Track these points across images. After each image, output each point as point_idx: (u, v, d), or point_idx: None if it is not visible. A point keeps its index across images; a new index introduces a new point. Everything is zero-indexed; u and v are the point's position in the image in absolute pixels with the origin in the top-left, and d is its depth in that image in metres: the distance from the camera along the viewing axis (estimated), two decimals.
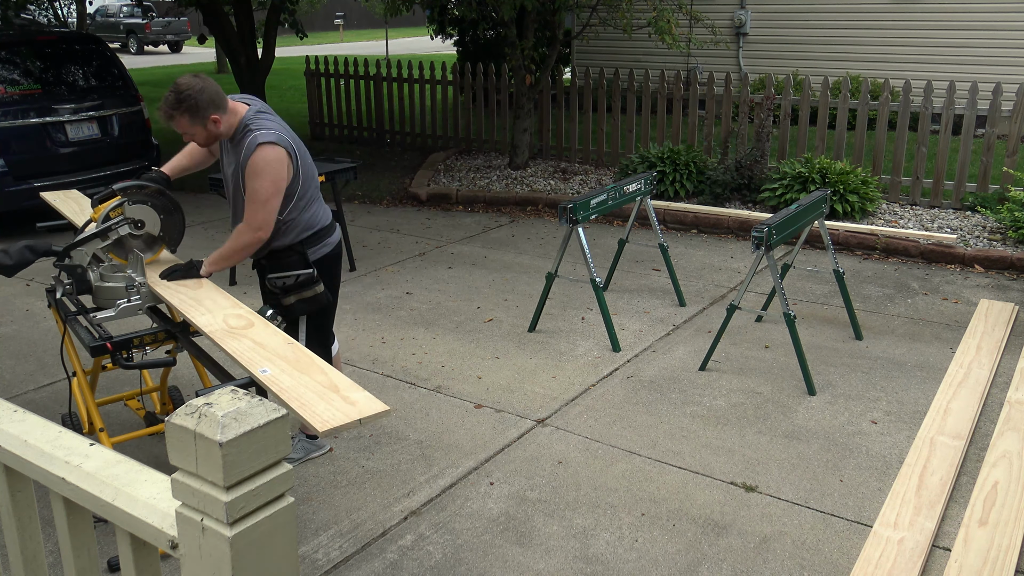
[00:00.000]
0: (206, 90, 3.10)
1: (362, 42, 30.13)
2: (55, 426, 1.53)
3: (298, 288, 3.36)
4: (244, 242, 3.25)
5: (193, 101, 3.07)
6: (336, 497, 3.41)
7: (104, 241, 3.20)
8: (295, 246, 3.37)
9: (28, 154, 7.15)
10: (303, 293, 3.37)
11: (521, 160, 8.89)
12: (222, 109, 3.15)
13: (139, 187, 3.30)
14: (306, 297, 3.38)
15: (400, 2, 9.03)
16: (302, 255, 3.38)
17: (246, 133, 3.17)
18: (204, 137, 3.20)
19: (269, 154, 3.12)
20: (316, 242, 3.43)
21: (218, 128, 3.17)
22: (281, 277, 3.36)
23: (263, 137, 3.12)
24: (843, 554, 3.01)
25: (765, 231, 4.14)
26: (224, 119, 3.17)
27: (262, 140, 3.11)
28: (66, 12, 18.09)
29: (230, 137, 3.26)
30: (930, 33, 10.09)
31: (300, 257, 3.38)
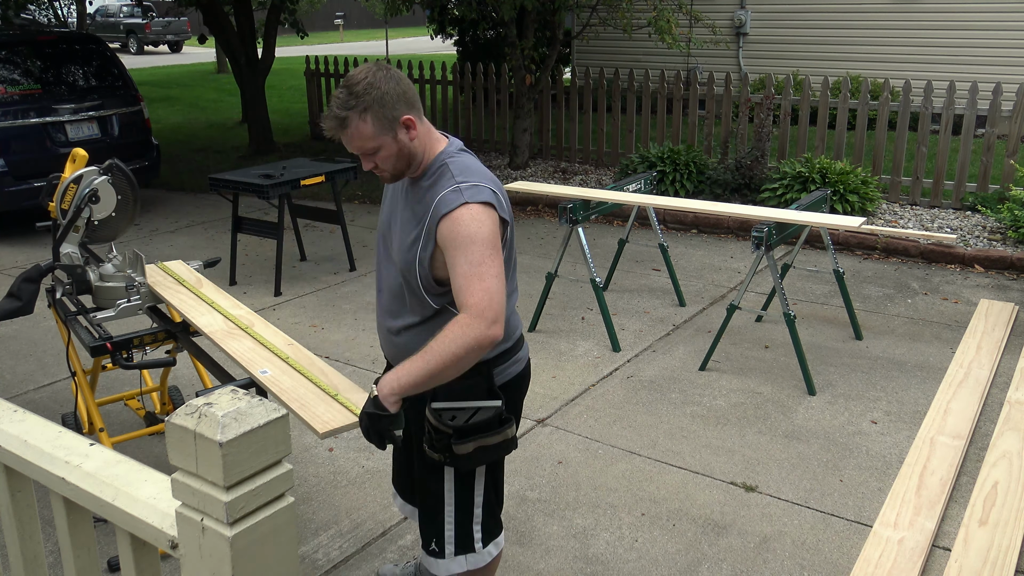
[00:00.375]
0: (394, 79, 2.05)
1: (362, 42, 30.14)
2: (55, 426, 1.53)
3: (477, 431, 2.12)
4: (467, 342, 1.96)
5: (378, 93, 2.01)
6: (336, 497, 3.41)
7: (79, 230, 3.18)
8: (479, 366, 2.12)
9: (28, 154, 7.15)
10: (487, 439, 2.13)
11: (521, 160, 8.89)
12: (417, 111, 2.10)
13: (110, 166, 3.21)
14: (490, 445, 2.14)
15: (400, 2, 9.03)
16: (487, 378, 2.18)
17: (443, 173, 2.10)
18: (394, 154, 2.08)
19: (483, 215, 2.03)
20: (506, 358, 2.26)
21: (411, 139, 2.08)
22: (452, 410, 2.12)
23: (473, 194, 2.04)
24: (843, 554, 3.01)
25: (765, 231, 4.15)
26: (420, 128, 2.10)
27: (471, 199, 2.03)
28: (66, 12, 18.09)
29: (416, 176, 2.16)
30: (930, 33, 10.09)
31: (483, 380, 2.17)
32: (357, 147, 2.06)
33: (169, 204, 8.44)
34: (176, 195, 8.84)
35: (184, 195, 8.84)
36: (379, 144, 2.05)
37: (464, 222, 2.01)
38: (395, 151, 2.07)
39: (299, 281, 6.06)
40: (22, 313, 3.16)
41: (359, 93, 2.01)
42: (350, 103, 2.01)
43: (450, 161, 2.11)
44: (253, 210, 7.21)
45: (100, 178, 3.16)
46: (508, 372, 2.27)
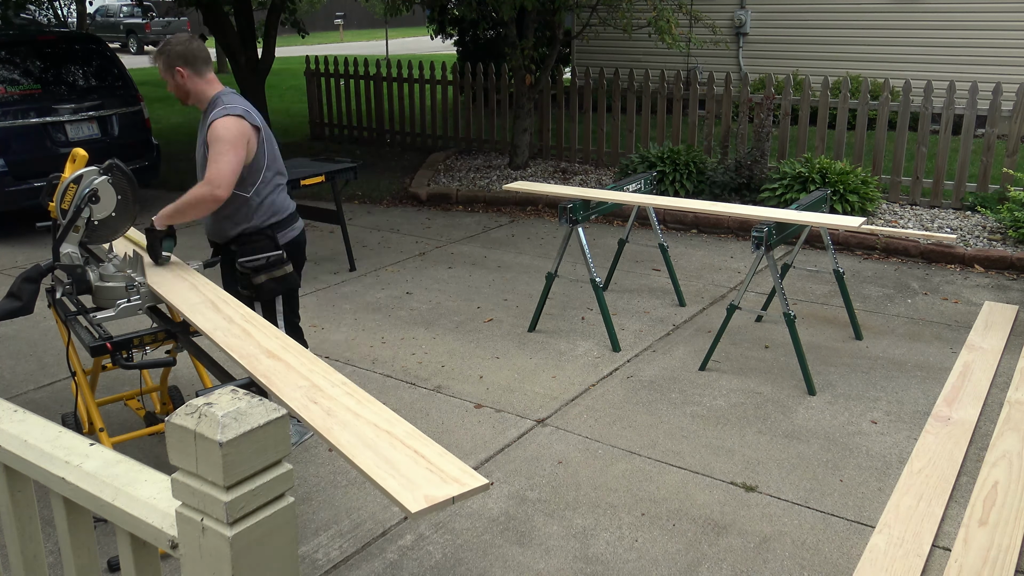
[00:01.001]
0: (184, 45, 3.42)
1: (362, 42, 30.13)
2: (55, 426, 1.53)
3: (268, 268, 3.55)
4: (199, 196, 3.39)
5: (168, 50, 3.41)
6: (336, 497, 3.41)
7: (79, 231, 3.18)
8: (264, 230, 3.57)
9: (28, 154, 7.15)
10: (273, 272, 3.56)
11: (521, 160, 8.89)
12: (192, 67, 3.43)
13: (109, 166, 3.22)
14: (276, 276, 3.57)
15: (400, 2, 9.03)
16: (271, 239, 3.58)
17: (216, 104, 3.42)
18: (174, 87, 3.46)
19: (231, 122, 3.34)
20: (284, 226, 3.65)
21: (183, 81, 3.42)
22: (252, 260, 3.53)
23: (230, 110, 3.36)
24: (843, 554, 3.01)
25: (765, 231, 4.15)
26: (191, 76, 3.43)
27: (228, 112, 3.35)
28: (66, 12, 18.10)
29: (204, 110, 3.48)
30: (930, 33, 10.08)
31: (270, 241, 3.58)
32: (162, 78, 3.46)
33: (167, 204, 8.42)
34: (176, 195, 8.79)
35: (181, 194, 8.82)
36: (166, 79, 3.46)
37: (216, 128, 3.33)
38: (174, 86, 3.47)
39: None
40: (22, 313, 3.15)
41: (160, 50, 3.44)
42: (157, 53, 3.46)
43: (221, 97, 3.45)
44: None
45: (100, 178, 3.15)
46: (288, 235, 3.65)
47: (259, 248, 3.55)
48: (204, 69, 3.47)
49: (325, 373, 2.31)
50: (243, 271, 3.54)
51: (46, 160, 7.25)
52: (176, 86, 3.46)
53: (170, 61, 3.41)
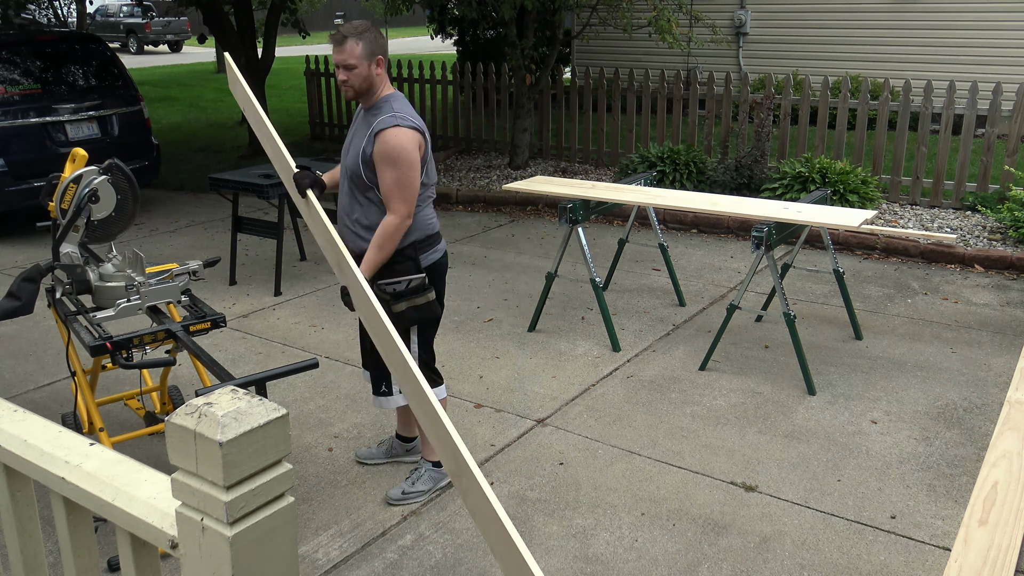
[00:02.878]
0: (383, 37, 3.11)
1: None
2: (55, 426, 1.53)
3: (410, 294, 3.13)
4: (393, 230, 3.05)
5: (373, 36, 3.05)
6: (336, 497, 3.41)
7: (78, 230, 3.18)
8: (407, 250, 3.15)
9: (28, 154, 7.15)
10: (415, 300, 3.15)
11: (521, 160, 8.89)
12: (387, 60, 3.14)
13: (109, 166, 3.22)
14: (418, 304, 3.16)
15: (400, 2, 9.03)
16: (414, 261, 3.18)
17: (385, 107, 3.07)
18: (362, 78, 3.05)
19: (406, 138, 3.01)
20: (428, 247, 3.24)
21: (378, 73, 3.07)
22: (392, 283, 3.12)
23: (403, 120, 3.02)
24: (843, 554, 3.01)
25: (765, 231, 4.15)
26: (383, 73, 3.09)
27: (402, 123, 3.01)
28: (66, 12, 18.09)
29: (368, 106, 3.14)
30: (930, 33, 10.08)
31: (412, 263, 3.17)
32: (342, 60, 3.03)
33: (169, 204, 8.44)
34: (176, 195, 8.84)
35: (184, 195, 8.84)
36: (358, 65, 3.04)
37: (389, 140, 2.99)
38: (364, 75, 3.06)
39: (299, 281, 6.06)
40: (22, 313, 3.15)
41: (367, 29, 3.06)
42: (359, 31, 3.03)
43: (393, 100, 3.10)
44: (253, 210, 7.21)
45: (100, 178, 3.16)
46: (430, 257, 3.25)
47: (399, 271, 3.14)
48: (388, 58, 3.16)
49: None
50: (381, 297, 3.08)
51: (46, 160, 7.25)
52: (365, 76, 3.05)
53: (373, 49, 3.04)
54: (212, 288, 5.85)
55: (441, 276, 3.32)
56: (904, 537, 3.10)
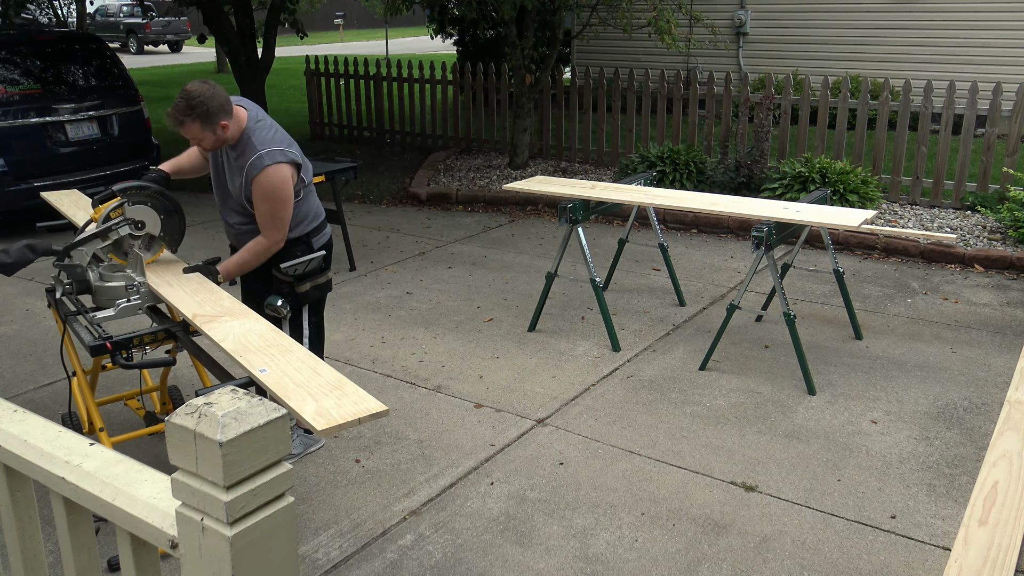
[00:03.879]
0: (216, 96, 3.16)
1: (362, 42, 30.13)
2: (55, 426, 1.53)
3: (311, 275, 3.51)
4: (262, 250, 3.38)
5: (205, 108, 3.13)
6: (336, 497, 3.41)
7: (104, 241, 3.21)
8: (302, 237, 3.51)
9: (28, 154, 7.16)
10: (317, 279, 3.53)
11: (521, 160, 8.89)
12: (229, 115, 3.23)
13: (139, 188, 3.30)
14: (319, 283, 3.55)
15: (400, 2, 9.03)
16: (308, 244, 3.53)
17: (248, 145, 3.26)
18: (212, 142, 3.26)
19: (277, 177, 3.23)
20: (319, 231, 3.60)
21: (226, 133, 3.23)
22: (294, 264, 3.45)
23: (269, 158, 3.22)
24: (843, 554, 3.01)
25: (765, 231, 4.15)
26: (231, 125, 3.24)
27: (268, 162, 3.22)
28: (66, 12, 18.09)
29: (232, 144, 3.34)
30: (930, 33, 10.08)
31: (305, 247, 3.52)
32: (188, 137, 3.20)
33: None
34: (176, 195, 8.81)
35: (184, 195, 8.82)
36: (203, 137, 3.20)
37: (266, 188, 3.23)
38: (212, 141, 3.23)
39: None
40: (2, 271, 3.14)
41: (192, 107, 3.11)
42: (186, 112, 3.13)
43: (252, 134, 3.26)
44: None
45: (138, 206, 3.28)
46: (320, 240, 3.58)
47: (295, 254, 3.47)
48: (232, 108, 3.25)
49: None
50: (284, 279, 3.45)
51: (46, 160, 7.26)
52: (216, 139, 3.23)
53: (212, 118, 3.15)
54: None
55: (330, 253, 3.69)
56: (904, 537, 3.10)
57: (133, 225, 3.24)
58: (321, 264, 3.55)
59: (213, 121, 3.16)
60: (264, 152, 3.23)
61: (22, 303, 5.65)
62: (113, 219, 3.22)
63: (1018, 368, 4.45)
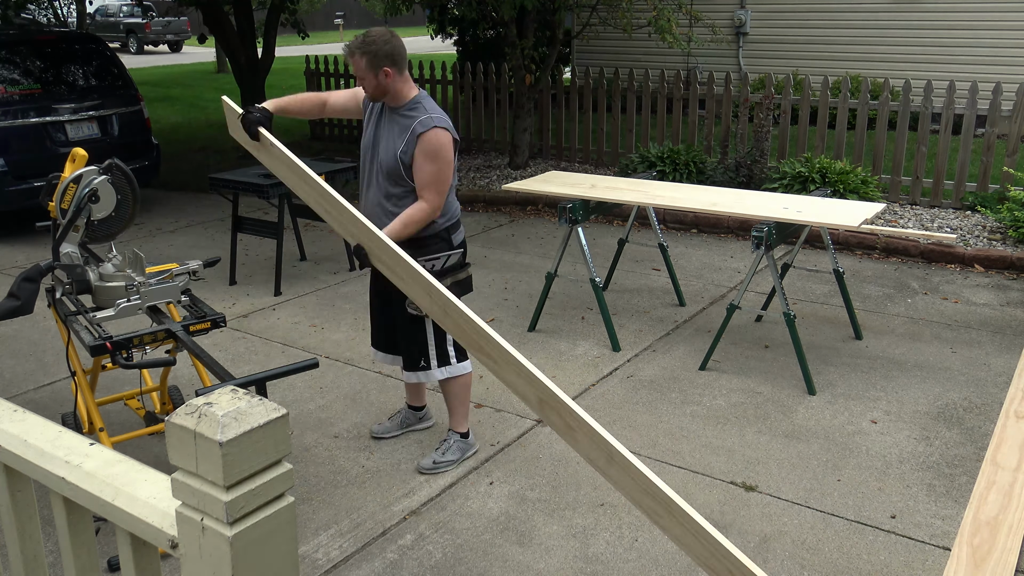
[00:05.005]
0: (391, 43, 3.25)
1: None
2: (55, 426, 1.53)
3: (451, 271, 3.41)
4: (422, 216, 3.28)
5: (375, 48, 3.21)
6: (336, 497, 3.41)
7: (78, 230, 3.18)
8: (441, 233, 3.42)
9: (28, 154, 7.15)
10: (458, 275, 3.44)
11: (521, 160, 8.89)
12: (398, 67, 3.26)
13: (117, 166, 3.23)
14: (460, 279, 3.45)
15: (400, 2, 9.03)
16: (447, 241, 3.44)
17: (418, 108, 3.27)
18: (373, 87, 3.27)
19: (446, 139, 3.25)
20: (456, 228, 3.51)
21: (388, 81, 3.25)
22: (431, 259, 3.36)
23: (439, 122, 3.24)
24: (843, 554, 3.01)
25: (765, 231, 4.14)
26: (396, 78, 3.26)
27: (438, 124, 3.23)
28: (66, 12, 18.10)
29: (396, 106, 3.32)
30: (930, 33, 10.08)
31: (445, 243, 3.44)
32: (355, 71, 3.27)
33: (169, 204, 8.44)
34: (176, 195, 8.84)
35: (184, 195, 8.84)
36: (365, 76, 3.25)
37: (434, 145, 3.23)
38: (374, 85, 3.27)
39: (299, 281, 6.06)
40: (21, 312, 3.15)
41: (366, 43, 3.23)
42: (359, 46, 3.24)
43: (424, 101, 3.31)
44: (253, 210, 7.21)
45: (99, 178, 3.16)
46: (458, 236, 3.52)
47: (435, 251, 3.40)
48: (405, 68, 3.31)
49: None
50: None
51: (46, 160, 7.25)
52: (376, 85, 3.26)
53: (377, 60, 3.22)
54: (212, 288, 5.85)
55: (466, 251, 3.59)
56: (904, 537, 3.10)
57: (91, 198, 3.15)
58: (461, 260, 3.49)
59: (377, 63, 3.21)
60: (436, 115, 3.25)
61: None
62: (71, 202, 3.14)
63: (1018, 367, 4.44)
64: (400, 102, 3.31)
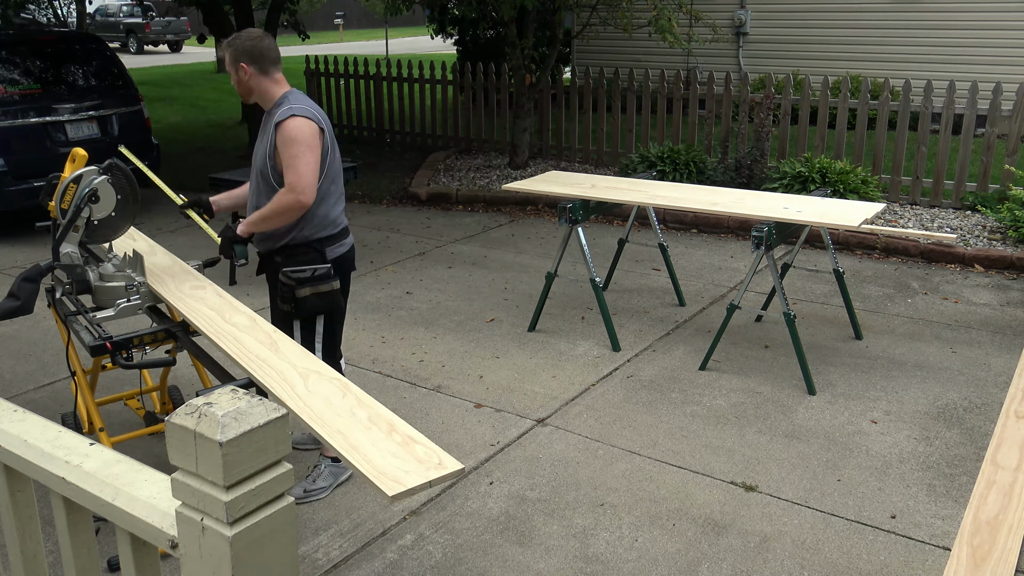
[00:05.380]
0: (254, 42, 3.28)
1: (362, 42, 30.13)
2: (55, 426, 1.53)
3: (314, 282, 3.33)
4: (285, 204, 3.21)
5: (237, 43, 3.28)
6: (336, 497, 3.41)
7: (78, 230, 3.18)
8: (313, 243, 3.36)
9: (28, 154, 7.15)
10: (319, 287, 3.33)
11: (521, 160, 8.89)
12: (258, 66, 3.28)
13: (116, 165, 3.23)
14: (321, 292, 3.34)
15: (400, 2, 9.03)
16: (320, 252, 3.38)
17: (282, 103, 3.27)
18: (236, 82, 3.33)
19: (302, 123, 3.19)
20: (334, 241, 3.43)
21: (247, 78, 3.27)
22: (297, 270, 3.31)
23: (296, 111, 3.20)
24: (843, 554, 3.01)
25: (765, 231, 4.14)
26: (256, 77, 3.28)
27: (295, 113, 3.19)
28: (66, 12, 18.10)
29: (268, 110, 3.33)
30: (930, 33, 10.08)
31: (318, 254, 3.37)
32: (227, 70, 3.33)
33: (169, 204, 8.41)
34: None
35: (185, 195, 8.82)
36: (230, 71, 3.32)
37: (289, 130, 3.16)
38: (235, 80, 3.32)
39: None
40: (21, 312, 3.15)
41: (230, 40, 3.32)
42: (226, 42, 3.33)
43: (289, 95, 3.30)
44: None
45: (100, 178, 3.15)
46: (336, 251, 3.42)
47: (305, 261, 3.33)
48: (271, 68, 3.30)
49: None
50: (286, 282, 3.31)
51: (46, 160, 7.24)
52: (238, 81, 3.31)
53: (235, 55, 3.27)
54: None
55: (347, 270, 3.52)
56: (904, 537, 3.10)
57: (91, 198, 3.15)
58: (328, 274, 3.36)
59: (236, 58, 3.27)
60: (296, 106, 3.22)
61: None
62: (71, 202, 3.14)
63: (1018, 367, 4.44)
64: (269, 104, 3.32)
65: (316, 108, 3.31)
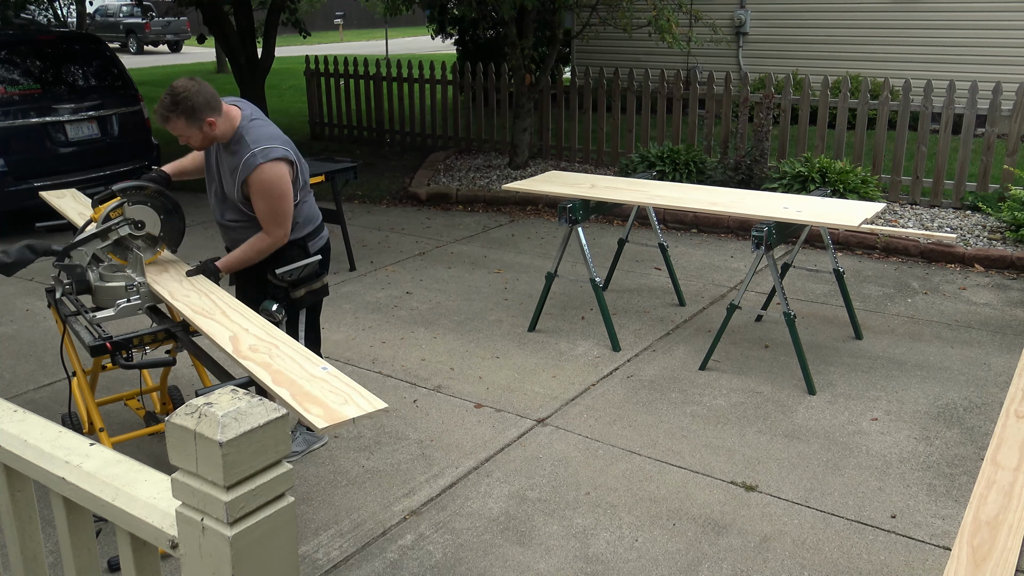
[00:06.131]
0: (201, 92, 3.15)
1: (362, 42, 30.13)
2: (55, 426, 1.53)
3: (306, 280, 3.47)
4: (266, 247, 3.34)
5: (190, 104, 3.11)
6: (336, 497, 3.41)
7: (104, 241, 3.21)
8: (299, 241, 3.48)
9: (28, 154, 7.16)
10: (312, 285, 3.50)
11: (521, 160, 8.89)
12: (217, 112, 3.21)
13: (139, 187, 3.31)
14: (314, 288, 3.52)
15: (400, 2, 9.04)
16: (303, 248, 3.50)
17: (241, 143, 3.22)
18: (200, 140, 3.24)
19: (275, 173, 3.20)
20: (315, 235, 3.57)
21: (213, 131, 3.21)
22: (289, 270, 3.40)
23: (263, 156, 3.17)
24: (843, 553, 3.01)
25: (765, 230, 4.14)
26: (219, 122, 3.22)
27: (263, 160, 3.17)
28: (66, 12, 18.09)
29: (225, 142, 3.31)
30: (930, 33, 10.08)
31: (301, 251, 3.49)
32: (176, 134, 3.19)
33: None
34: (176, 195, 8.81)
35: (185, 195, 8.80)
36: (190, 134, 3.19)
37: (263, 185, 3.19)
38: (200, 138, 3.22)
39: None
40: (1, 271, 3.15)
41: (177, 103, 3.11)
42: (171, 108, 3.12)
43: (246, 133, 3.22)
44: None
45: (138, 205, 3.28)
46: (318, 243, 3.56)
47: (292, 259, 3.42)
48: (221, 106, 3.23)
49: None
50: (279, 284, 3.41)
51: (46, 160, 7.26)
52: (203, 137, 3.21)
53: (197, 114, 3.13)
54: None
55: (326, 257, 3.64)
56: (904, 537, 3.10)
57: (133, 225, 3.25)
58: (317, 269, 3.51)
59: (199, 117, 3.14)
60: (257, 150, 3.18)
61: (22, 303, 5.65)
62: (113, 219, 3.22)
63: (1018, 367, 4.44)
64: (226, 138, 3.27)
65: (276, 136, 3.27)
